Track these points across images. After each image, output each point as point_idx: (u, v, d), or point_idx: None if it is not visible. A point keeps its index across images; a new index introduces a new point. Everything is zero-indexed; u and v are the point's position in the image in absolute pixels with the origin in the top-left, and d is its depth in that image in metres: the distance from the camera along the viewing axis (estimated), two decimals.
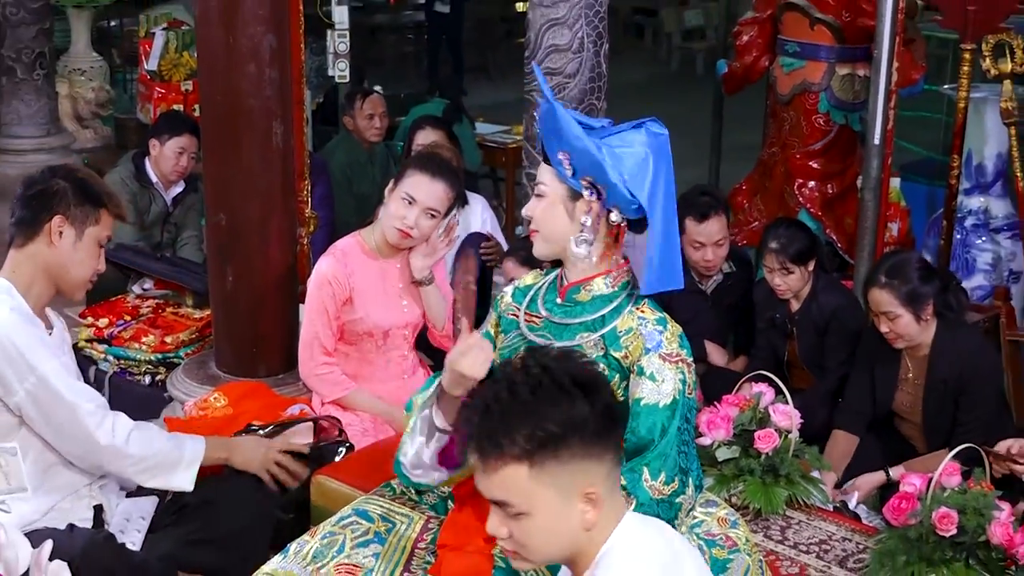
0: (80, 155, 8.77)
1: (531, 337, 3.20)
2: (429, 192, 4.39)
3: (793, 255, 5.02)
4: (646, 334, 3.11)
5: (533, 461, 2.14)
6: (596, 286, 3.17)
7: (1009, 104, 5.31)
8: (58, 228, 3.50)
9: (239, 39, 4.85)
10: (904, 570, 4.14)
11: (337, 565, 3.12)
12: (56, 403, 3.50)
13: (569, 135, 3.01)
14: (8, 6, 7.87)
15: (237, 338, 5.17)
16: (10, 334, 3.41)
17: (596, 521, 2.19)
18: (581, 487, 2.17)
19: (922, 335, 4.58)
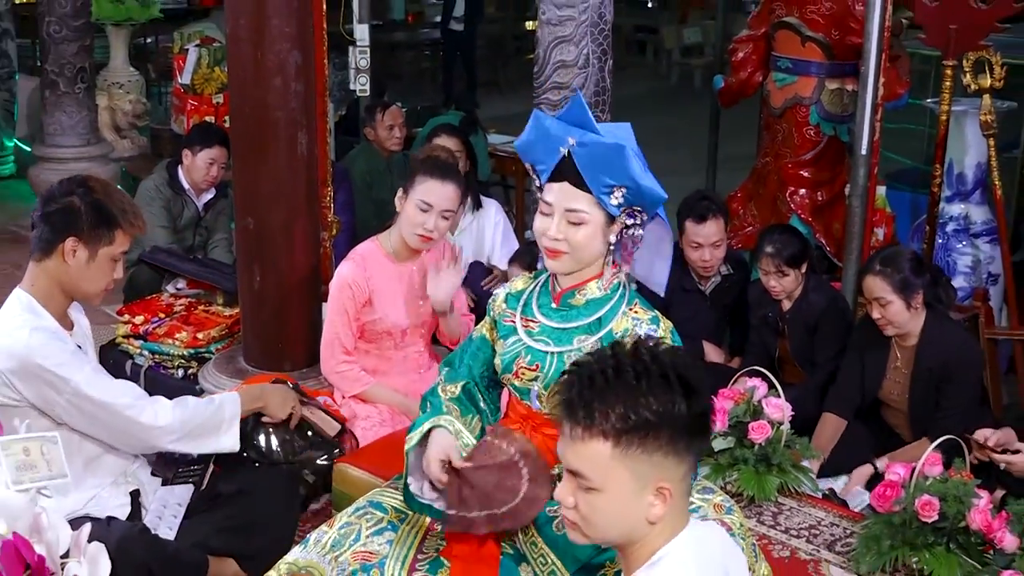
0: (118, 163, 8.81)
1: (529, 343, 3.18)
2: (442, 195, 4.37)
3: (787, 259, 5.02)
4: (641, 335, 3.08)
5: (619, 441, 2.06)
6: (590, 290, 3.16)
7: (988, 117, 5.30)
8: (72, 248, 3.45)
9: (267, 55, 4.86)
10: (889, 554, 4.13)
11: (354, 552, 3.12)
12: (96, 407, 3.49)
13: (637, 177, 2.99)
14: (52, 24, 7.89)
15: (264, 334, 5.18)
16: (38, 356, 3.39)
17: (662, 517, 2.11)
18: (656, 480, 2.09)
19: (911, 323, 4.58)
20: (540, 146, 3.10)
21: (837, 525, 4.47)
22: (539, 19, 4.79)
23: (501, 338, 3.28)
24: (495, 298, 3.37)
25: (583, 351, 3.08)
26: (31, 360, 3.37)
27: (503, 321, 3.29)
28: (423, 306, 4.58)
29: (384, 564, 3.08)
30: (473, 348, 3.36)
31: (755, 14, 6.48)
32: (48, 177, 8.16)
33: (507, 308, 3.30)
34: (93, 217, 3.46)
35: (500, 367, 3.25)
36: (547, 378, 3.15)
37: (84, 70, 8.17)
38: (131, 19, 9.87)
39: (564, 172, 3.04)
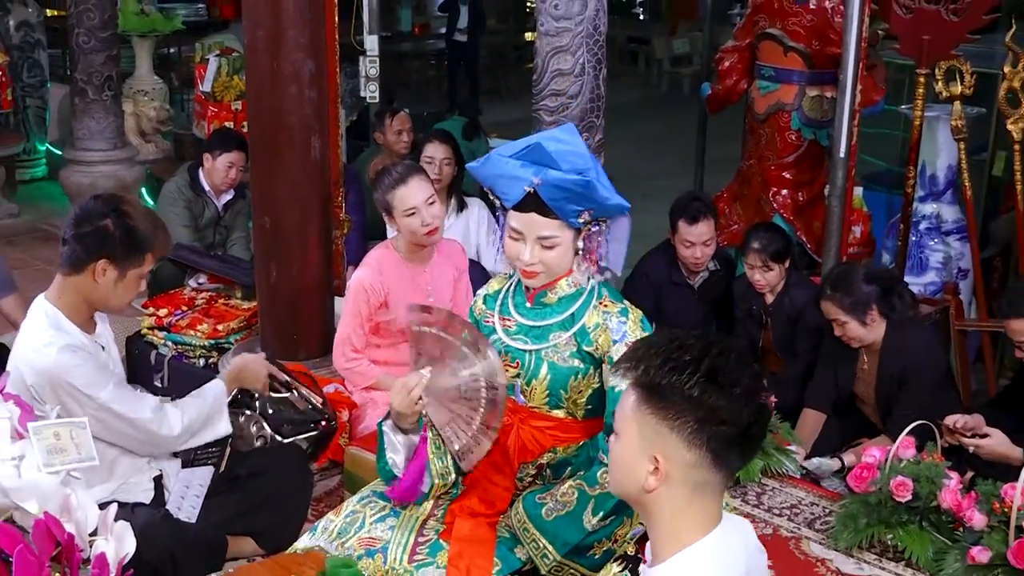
0: (143, 165, 8.79)
1: (508, 342, 3.18)
2: (415, 192, 4.36)
3: (772, 254, 5.04)
4: (612, 327, 3.09)
5: (641, 397, 2.00)
6: (561, 288, 3.15)
7: (959, 122, 5.30)
8: (103, 269, 3.40)
9: (282, 64, 4.86)
10: (865, 531, 4.14)
11: (359, 538, 3.13)
12: (118, 421, 3.48)
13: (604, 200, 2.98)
14: (81, 35, 7.89)
15: (280, 326, 5.19)
16: (66, 375, 3.36)
17: (655, 493, 2.01)
18: (655, 448, 1.98)
19: (871, 335, 4.60)
20: (503, 182, 3.05)
21: (817, 504, 4.48)
22: (538, 30, 4.78)
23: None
24: (475, 300, 3.37)
25: (559, 347, 3.10)
26: (60, 379, 3.35)
27: (484, 322, 3.28)
28: (433, 303, 4.57)
29: (387, 548, 3.09)
30: None
31: (740, 26, 6.47)
32: (78, 179, 8.18)
33: (486, 309, 3.29)
34: (125, 242, 3.41)
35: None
36: (528, 374, 3.15)
37: (111, 78, 8.17)
38: (155, 30, 9.87)
39: (530, 205, 3.00)
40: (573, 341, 3.10)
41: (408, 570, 3.04)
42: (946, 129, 5.63)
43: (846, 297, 4.54)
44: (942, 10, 5.22)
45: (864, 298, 4.54)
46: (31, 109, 9.53)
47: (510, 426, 3.23)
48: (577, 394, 3.15)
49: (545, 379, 3.14)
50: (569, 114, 4.68)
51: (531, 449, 3.23)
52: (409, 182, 4.38)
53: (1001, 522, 3.90)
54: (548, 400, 3.17)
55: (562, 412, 3.20)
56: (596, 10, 4.66)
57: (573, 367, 3.11)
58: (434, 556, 3.07)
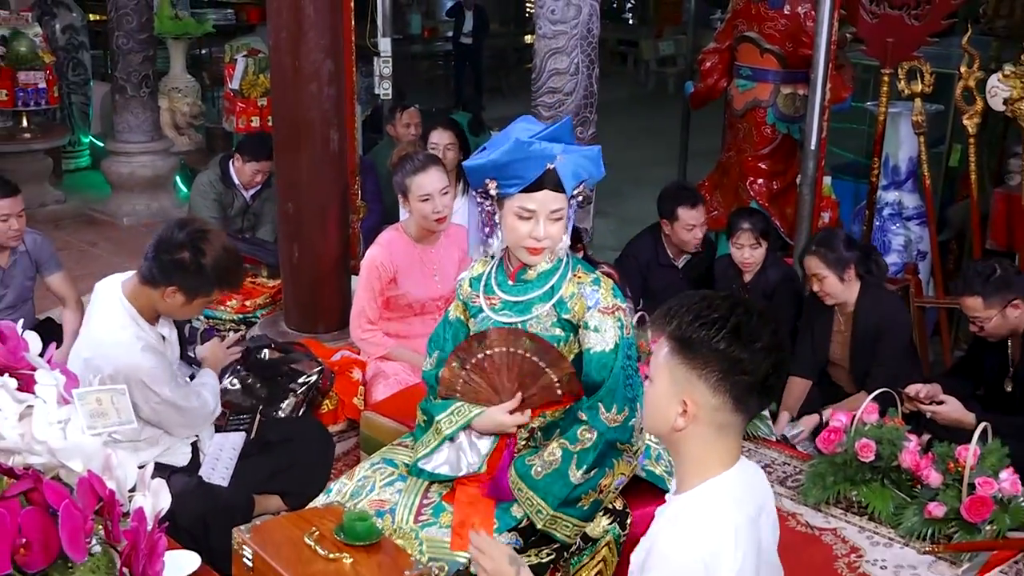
0: (177, 156, 8.79)
1: (495, 317, 3.17)
2: (432, 181, 4.37)
3: (761, 232, 5.05)
4: (587, 295, 3.09)
5: (673, 348, 2.06)
6: (539, 263, 3.14)
7: (919, 117, 5.29)
8: (172, 293, 3.38)
9: (303, 64, 4.85)
10: (832, 488, 4.15)
11: (370, 500, 3.14)
12: (173, 412, 3.50)
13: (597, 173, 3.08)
14: (120, 38, 7.89)
15: (301, 302, 5.19)
16: (143, 374, 3.37)
17: (684, 431, 2.07)
18: (684, 393, 2.04)
19: (846, 293, 4.60)
20: (519, 165, 3.02)
21: (788, 464, 4.48)
22: (536, 33, 4.77)
23: (472, 317, 3.28)
24: (461, 283, 3.35)
25: (541, 318, 3.10)
26: (135, 376, 3.35)
27: (471, 302, 3.27)
28: (438, 281, 4.58)
29: (395, 509, 3.10)
30: (452, 330, 3.33)
31: (721, 29, 6.44)
32: (118, 169, 8.18)
33: (472, 291, 3.28)
34: (197, 278, 3.38)
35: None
36: None
37: (148, 77, 8.16)
38: (188, 33, 9.85)
39: (545, 182, 3.00)
40: (553, 311, 3.10)
41: (414, 529, 3.05)
42: (907, 124, 5.61)
43: (829, 253, 4.55)
44: (905, 15, 5.22)
45: (845, 257, 4.55)
46: (76, 105, 9.52)
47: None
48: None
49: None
50: (565, 110, 4.68)
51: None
52: (429, 170, 4.38)
53: (955, 480, 3.91)
54: None
55: None
56: (589, 15, 4.65)
57: (555, 335, 3.11)
58: (437, 516, 3.08)
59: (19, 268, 4.89)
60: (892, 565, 3.79)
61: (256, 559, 2.81)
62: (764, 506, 2.16)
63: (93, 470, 1.77)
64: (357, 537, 2.83)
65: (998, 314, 4.19)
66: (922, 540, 3.89)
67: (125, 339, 3.37)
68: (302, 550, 2.81)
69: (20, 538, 1.58)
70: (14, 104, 8.02)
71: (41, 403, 1.81)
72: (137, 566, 1.71)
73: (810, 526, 4.03)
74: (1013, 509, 3.83)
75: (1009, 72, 4.93)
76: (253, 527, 2.94)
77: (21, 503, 1.61)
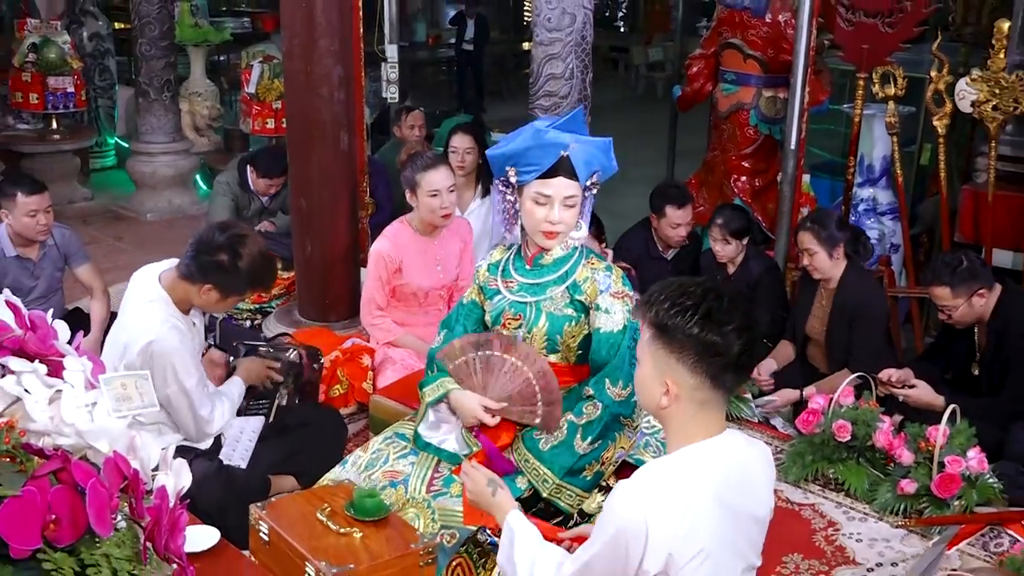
0: (197, 156, 8.77)
1: (512, 298, 3.23)
2: (441, 178, 4.40)
3: (732, 231, 5.04)
4: (599, 279, 3.16)
5: (653, 333, 2.08)
6: (555, 251, 3.20)
7: (892, 119, 5.28)
8: (208, 290, 3.41)
9: (315, 69, 4.84)
10: (810, 467, 4.16)
11: (384, 472, 3.16)
12: (185, 408, 3.49)
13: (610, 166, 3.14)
14: (143, 45, 7.90)
15: (314, 293, 5.18)
16: (169, 351, 3.37)
17: (668, 409, 2.09)
18: (666, 374, 2.07)
19: (833, 270, 4.62)
20: (536, 152, 3.07)
21: (769, 443, 4.48)
22: (534, 40, 4.76)
23: (488, 299, 3.32)
24: (479, 268, 3.40)
25: (555, 299, 3.17)
26: (166, 357, 3.36)
27: (488, 285, 3.33)
28: (440, 271, 4.58)
29: (408, 480, 3.12)
30: (465, 311, 3.39)
31: (706, 37, 6.43)
32: (141, 168, 8.17)
33: (489, 275, 3.33)
34: (232, 279, 3.41)
35: (490, 321, 3.32)
36: (529, 323, 3.21)
37: (170, 82, 8.15)
38: (207, 41, 9.84)
39: (559, 169, 3.06)
40: (567, 293, 3.17)
41: (425, 499, 3.06)
42: (881, 125, 5.61)
43: (822, 230, 4.56)
44: (879, 23, 5.21)
45: (836, 236, 4.57)
46: (102, 108, 9.50)
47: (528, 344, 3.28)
48: (571, 339, 3.20)
49: (544, 327, 3.19)
50: (560, 112, 4.66)
51: None
52: (439, 168, 4.43)
53: (926, 459, 3.92)
54: (546, 345, 3.21)
55: (557, 357, 3.24)
56: (583, 23, 4.64)
57: (567, 315, 3.17)
58: (448, 487, 3.09)
59: (49, 260, 4.88)
60: (867, 538, 3.80)
61: (272, 533, 2.82)
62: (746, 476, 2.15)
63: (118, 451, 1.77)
64: (367, 513, 2.84)
65: (965, 303, 4.19)
66: (895, 515, 3.90)
67: (157, 318, 3.39)
68: (315, 525, 2.82)
69: (50, 515, 1.58)
70: (44, 107, 8.02)
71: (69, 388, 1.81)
72: (160, 540, 1.71)
73: (790, 502, 4.03)
74: (980, 486, 3.83)
75: (976, 76, 4.92)
76: (269, 504, 2.95)
77: (51, 482, 1.61)
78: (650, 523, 1.96)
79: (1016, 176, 5.26)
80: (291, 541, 2.75)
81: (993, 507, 3.84)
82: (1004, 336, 4.23)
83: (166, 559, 1.73)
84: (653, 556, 1.97)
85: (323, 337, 4.77)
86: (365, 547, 2.74)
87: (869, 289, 4.70)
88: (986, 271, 4.27)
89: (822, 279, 4.67)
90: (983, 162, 5.28)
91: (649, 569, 1.99)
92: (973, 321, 4.28)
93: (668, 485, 2.03)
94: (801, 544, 3.74)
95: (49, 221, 4.79)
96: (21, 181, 4.89)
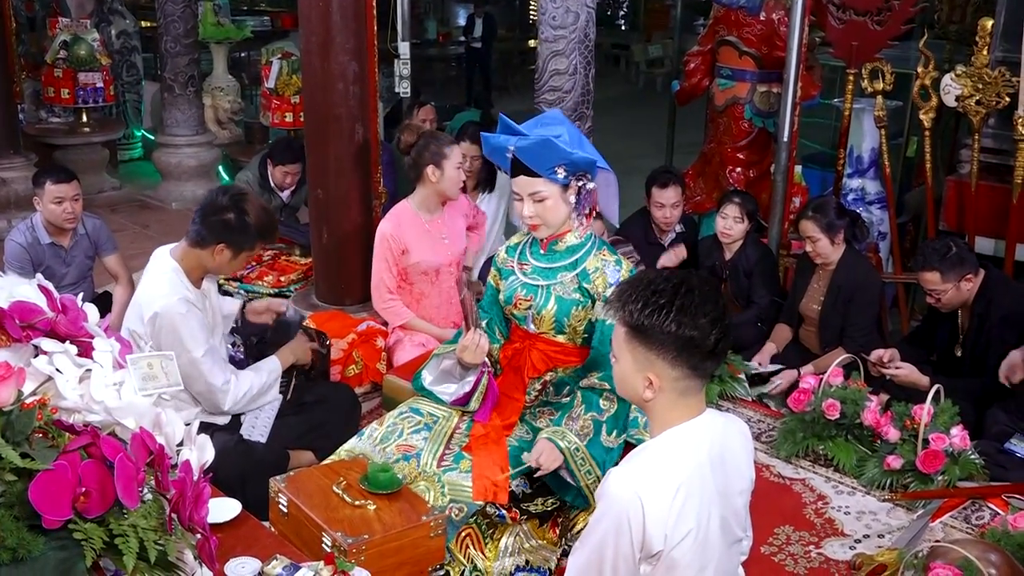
0: (220, 148, 8.77)
1: (524, 280, 3.27)
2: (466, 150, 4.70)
3: (748, 212, 5.06)
4: (608, 271, 3.17)
5: (629, 331, 2.06)
6: (568, 239, 3.23)
7: (881, 113, 5.26)
8: (220, 250, 3.42)
9: (331, 65, 4.82)
10: (801, 443, 4.15)
11: (397, 445, 3.16)
12: (198, 378, 3.46)
13: (569, 155, 3.07)
14: (168, 42, 7.89)
15: (330, 278, 5.18)
16: (178, 322, 3.35)
17: (652, 400, 2.07)
18: (647, 369, 2.05)
19: (834, 255, 4.61)
20: (496, 156, 3.19)
21: (763, 422, 4.48)
22: (539, 38, 4.74)
23: (503, 279, 3.36)
24: (498, 252, 3.45)
25: (564, 283, 3.19)
26: (173, 326, 3.35)
27: (504, 266, 3.37)
28: (447, 243, 4.57)
29: (420, 454, 3.12)
30: (489, 296, 3.45)
31: (703, 34, 6.40)
32: (167, 159, 8.17)
33: (507, 257, 3.38)
34: (242, 234, 3.42)
35: (503, 301, 3.34)
36: (539, 305, 3.22)
37: (193, 77, 8.14)
38: (229, 38, 9.81)
39: (518, 168, 3.11)
40: (576, 280, 3.19)
41: (436, 473, 3.06)
42: (870, 119, 5.59)
43: (823, 219, 4.56)
44: (868, 21, 5.18)
45: (837, 223, 4.56)
46: (129, 102, 9.50)
47: (523, 349, 3.32)
48: (577, 322, 3.21)
49: (552, 308, 3.20)
50: (564, 106, 4.65)
51: (538, 367, 3.31)
52: (462, 143, 4.76)
53: (911, 436, 3.91)
54: (554, 326, 3.23)
55: (564, 338, 3.26)
56: (586, 21, 4.62)
57: (575, 299, 3.19)
58: (457, 463, 3.09)
59: (80, 248, 4.89)
60: (855, 511, 3.79)
61: (291, 505, 2.82)
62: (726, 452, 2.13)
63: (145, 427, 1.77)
64: (380, 486, 2.85)
65: (953, 287, 4.18)
66: (881, 489, 3.89)
67: (165, 289, 3.38)
68: (331, 497, 2.83)
69: (80, 487, 1.58)
70: (75, 101, 8.02)
71: (98, 367, 1.81)
72: (184, 512, 1.71)
73: (782, 476, 4.03)
74: (962, 462, 3.83)
75: (960, 72, 4.90)
76: (287, 477, 2.95)
77: (81, 456, 1.61)
78: (644, 500, 1.95)
79: (998, 167, 5.23)
80: (309, 512, 2.75)
81: (975, 482, 3.83)
82: (986, 319, 4.22)
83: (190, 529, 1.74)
84: (654, 532, 1.96)
85: (339, 320, 4.76)
86: (379, 518, 2.74)
87: (866, 270, 4.71)
88: (972, 257, 4.25)
89: (823, 263, 4.67)
90: (967, 154, 5.26)
91: (653, 546, 1.97)
92: (959, 305, 4.27)
93: (657, 465, 2.02)
94: (792, 516, 3.74)
95: (77, 210, 4.78)
96: (52, 170, 4.90)
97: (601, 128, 5.43)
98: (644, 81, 16.92)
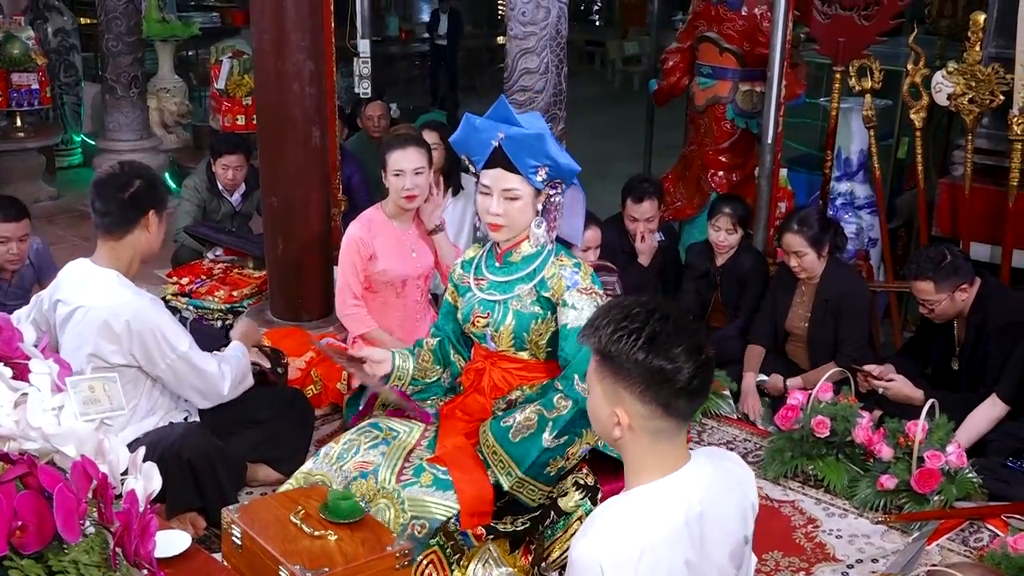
0: (166, 154, 8.73)
1: (481, 296, 3.28)
2: (406, 158, 4.36)
3: (740, 218, 5.11)
4: (566, 276, 3.18)
5: (599, 361, 1.97)
6: (523, 248, 3.24)
7: (869, 112, 5.31)
8: (154, 218, 3.44)
9: (286, 65, 4.81)
10: (790, 463, 4.18)
11: (355, 462, 3.17)
12: (192, 373, 3.51)
13: (555, 157, 3.08)
14: (110, 40, 7.85)
15: (286, 292, 5.16)
16: (151, 321, 3.37)
17: (622, 440, 1.97)
18: (615, 403, 1.95)
19: (819, 267, 4.65)
20: (472, 141, 3.16)
21: (749, 440, 4.50)
22: (508, 34, 4.75)
23: (460, 296, 3.38)
24: (454, 268, 3.46)
25: (522, 297, 3.20)
26: (151, 326, 3.36)
27: (461, 283, 3.38)
28: (416, 257, 4.55)
29: (378, 470, 3.12)
30: (444, 312, 3.47)
31: (682, 30, 6.44)
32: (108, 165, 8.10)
33: (463, 272, 3.39)
34: (160, 191, 3.51)
35: (461, 319, 3.37)
36: (497, 321, 3.24)
37: (137, 78, 8.10)
38: (175, 36, 9.78)
39: (496, 160, 3.11)
40: (534, 291, 3.20)
41: (396, 489, 3.05)
42: (858, 119, 5.63)
43: (809, 231, 4.60)
44: (855, 16, 5.23)
45: (823, 235, 4.61)
46: (68, 105, 9.43)
47: (483, 369, 3.33)
48: (538, 336, 3.22)
49: (511, 324, 3.21)
50: (536, 106, 4.66)
51: (501, 387, 3.31)
52: (407, 149, 4.38)
53: (905, 454, 3.94)
54: (514, 343, 3.24)
55: (526, 354, 3.27)
56: (558, 17, 4.63)
57: (534, 312, 3.20)
58: (418, 476, 3.09)
59: (23, 279, 4.86)
60: (847, 534, 3.82)
61: (245, 537, 2.80)
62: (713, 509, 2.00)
63: (86, 454, 1.75)
64: (341, 515, 2.83)
65: (948, 297, 4.22)
66: (875, 511, 3.92)
67: (125, 295, 3.39)
68: (288, 528, 2.81)
69: (16, 521, 1.56)
70: (8, 104, 7.95)
71: (35, 391, 1.79)
72: (130, 546, 1.69)
73: (770, 499, 4.05)
74: (959, 481, 3.86)
75: (952, 69, 4.95)
76: (241, 507, 2.93)
77: (17, 487, 1.60)
78: (605, 568, 1.86)
79: (993, 169, 5.29)
80: (264, 545, 2.73)
81: (972, 502, 3.87)
82: (983, 330, 4.26)
83: (136, 564, 1.72)
84: None
85: (296, 337, 4.74)
86: (340, 550, 2.73)
87: (852, 281, 4.75)
88: (968, 266, 4.30)
89: (807, 277, 4.70)
90: (960, 155, 5.32)
91: None
92: (954, 315, 4.31)
93: (620, 529, 1.92)
94: (781, 541, 3.75)
95: (22, 252, 4.69)
96: None
97: (575, 130, 5.45)
98: (620, 80, 16.99)
